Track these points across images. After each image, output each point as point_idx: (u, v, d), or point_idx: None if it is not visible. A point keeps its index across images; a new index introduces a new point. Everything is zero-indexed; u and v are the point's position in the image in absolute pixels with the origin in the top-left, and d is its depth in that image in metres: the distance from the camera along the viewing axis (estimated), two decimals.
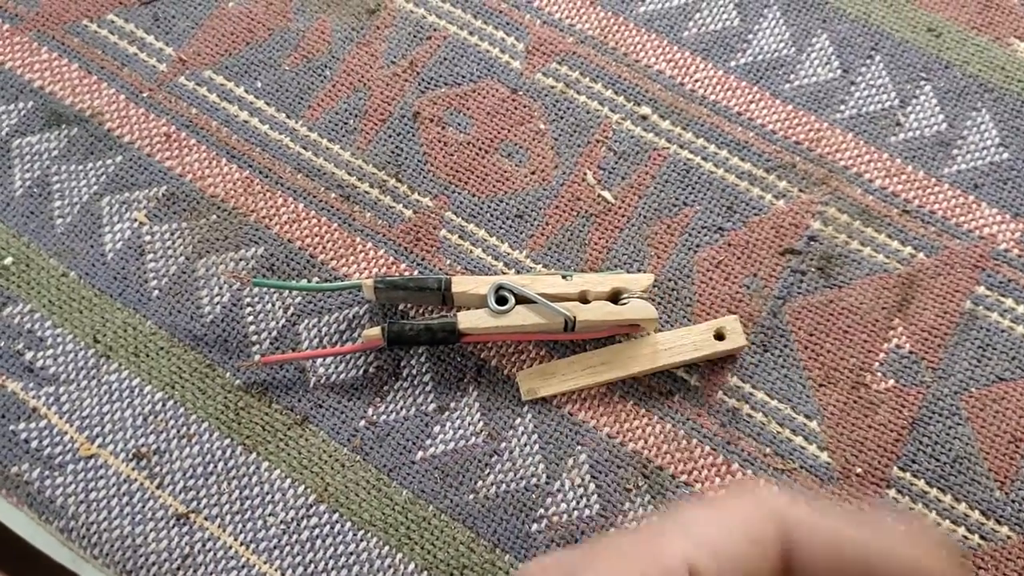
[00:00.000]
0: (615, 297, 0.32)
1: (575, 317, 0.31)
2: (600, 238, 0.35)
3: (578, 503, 0.32)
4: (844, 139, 0.36)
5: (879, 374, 0.33)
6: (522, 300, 0.32)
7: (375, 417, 0.33)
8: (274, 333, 0.34)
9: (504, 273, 0.35)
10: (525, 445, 0.33)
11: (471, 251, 0.35)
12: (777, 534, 0.21)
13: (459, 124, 0.37)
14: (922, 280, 0.34)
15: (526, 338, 0.33)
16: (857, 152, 0.36)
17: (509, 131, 0.37)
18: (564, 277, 0.32)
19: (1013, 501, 0.31)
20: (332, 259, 0.35)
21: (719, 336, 0.33)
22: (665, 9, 0.39)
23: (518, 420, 0.33)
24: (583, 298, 0.32)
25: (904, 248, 0.35)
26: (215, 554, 0.32)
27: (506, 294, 0.32)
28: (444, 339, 0.32)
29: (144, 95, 0.38)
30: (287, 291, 0.35)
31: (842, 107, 0.37)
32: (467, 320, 0.32)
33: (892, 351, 0.33)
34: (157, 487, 0.32)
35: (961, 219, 0.35)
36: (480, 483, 0.32)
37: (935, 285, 0.34)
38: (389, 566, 0.31)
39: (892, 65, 0.37)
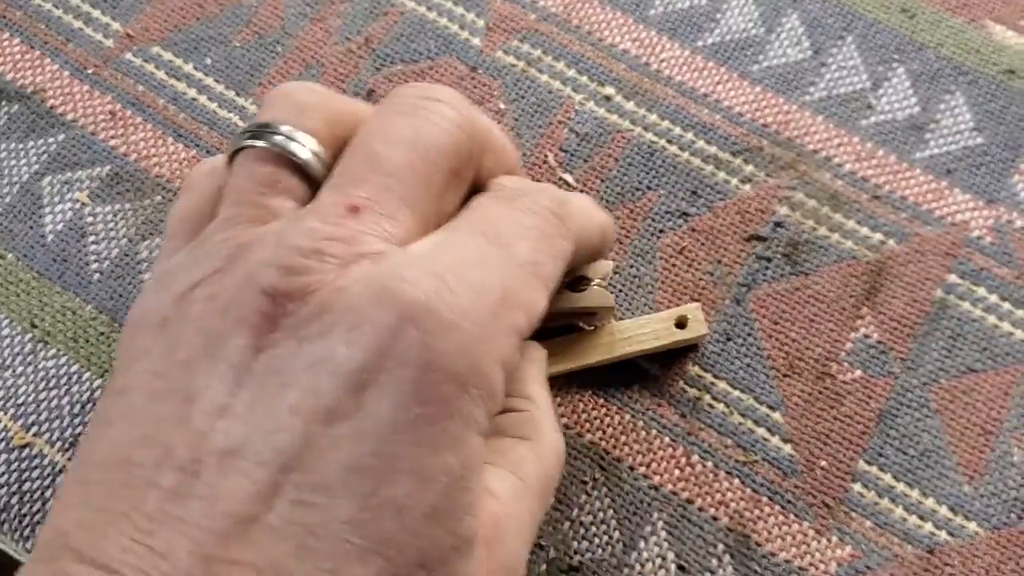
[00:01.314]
0: (573, 284, 0.31)
1: None
2: None
3: None
4: (813, 122, 0.35)
5: (846, 364, 0.32)
6: None
7: None
8: None
9: None
10: None
11: None
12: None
13: None
14: (892, 268, 0.33)
15: None
16: (827, 135, 0.35)
17: None
18: None
19: (982, 496, 0.30)
20: None
21: (680, 324, 0.32)
22: None
23: None
24: None
25: (874, 234, 0.34)
26: None
27: None
28: None
29: (89, 71, 0.36)
30: None
31: (812, 89, 0.36)
32: None
33: (859, 340, 0.32)
34: None
35: (933, 205, 0.34)
36: None
37: (905, 273, 0.33)
38: None
39: (864, 46, 0.36)
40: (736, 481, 0.31)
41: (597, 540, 0.30)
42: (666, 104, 0.35)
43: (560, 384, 0.32)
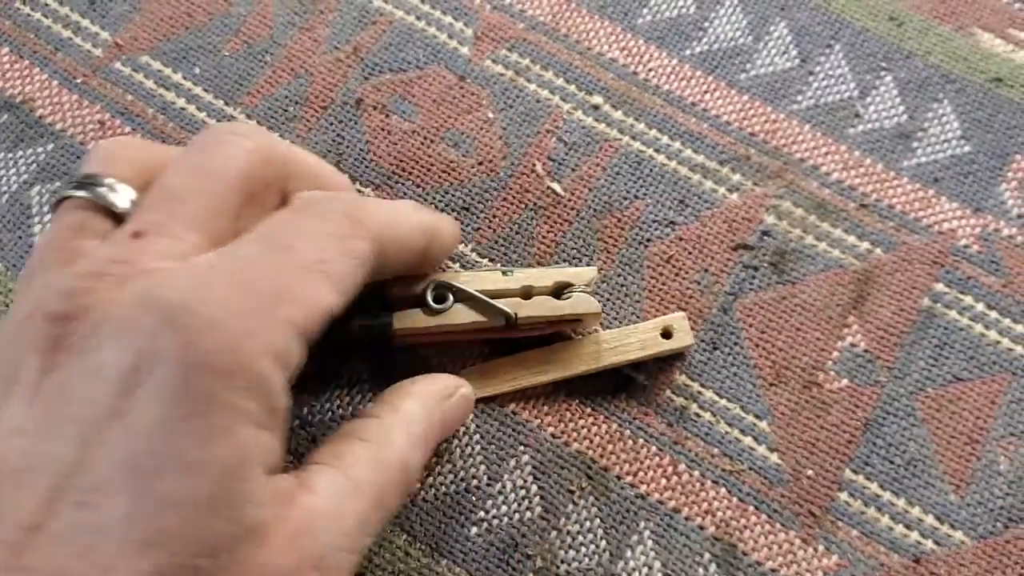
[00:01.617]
0: (558, 292, 0.31)
1: (516, 314, 0.30)
2: (548, 232, 0.34)
3: (519, 505, 0.31)
4: (801, 131, 0.35)
5: (832, 373, 0.32)
6: (461, 298, 0.31)
7: (310, 418, 0.32)
8: None
9: (449, 268, 0.33)
10: (466, 446, 0.31)
11: None
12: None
13: (404, 112, 0.36)
14: (879, 276, 0.33)
15: (466, 337, 0.31)
16: (814, 144, 0.35)
17: (456, 120, 0.35)
18: (504, 273, 0.31)
19: (968, 505, 0.30)
20: None
21: (666, 334, 0.32)
22: None
23: None
24: (525, 294, 0.31)
25: (861, 243, 0.34)
26: None
27: (444, 292, 0.31)
28: (378, 339, 0.31)
29: (78, 81, 0.36)
30: None
31: (799, 97, 0.36)
32: (403, 319, 0.30)
33: (846, 349, 0.32)
34: None
35: (920, 214, 0.34)
36: (418, 486, 0.31)
37: (892, 281, 0.33)
38: None
39: (852, 54, 0.36)
40: (723, 490, 0.31)
41: (584, 549, 0.30)
42: (654, 113, 0.35)
43: (547, 393, 0.32)
